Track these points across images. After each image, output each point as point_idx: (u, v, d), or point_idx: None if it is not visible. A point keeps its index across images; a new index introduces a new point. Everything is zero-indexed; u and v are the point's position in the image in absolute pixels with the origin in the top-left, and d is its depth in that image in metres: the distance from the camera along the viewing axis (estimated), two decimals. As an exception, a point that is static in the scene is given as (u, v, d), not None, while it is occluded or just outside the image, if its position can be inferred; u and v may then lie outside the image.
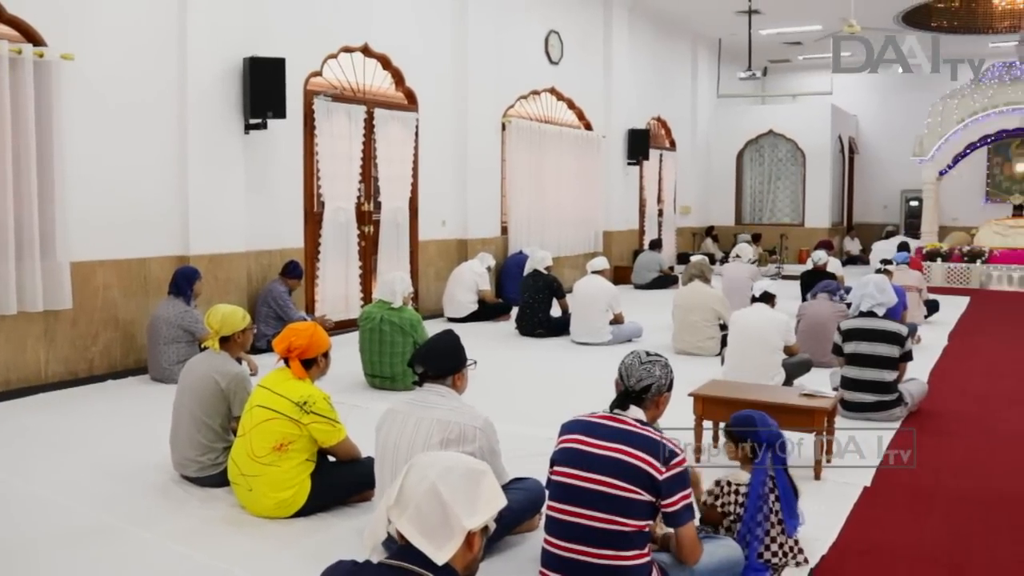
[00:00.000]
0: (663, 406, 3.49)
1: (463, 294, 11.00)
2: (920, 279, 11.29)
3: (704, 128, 20.87)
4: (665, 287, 14.55)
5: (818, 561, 3.89)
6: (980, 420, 6.54)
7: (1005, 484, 4.97)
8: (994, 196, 22.01)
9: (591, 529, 3.18)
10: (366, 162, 10.32)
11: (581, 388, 7.11)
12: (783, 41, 20.13)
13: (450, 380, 3.80)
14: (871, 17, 15.78)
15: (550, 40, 14.06)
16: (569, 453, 3.30)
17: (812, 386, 6.17)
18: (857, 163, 23.74)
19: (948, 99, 16.57)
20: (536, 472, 4.14)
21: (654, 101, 18.04)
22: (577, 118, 15.20)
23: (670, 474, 3.16)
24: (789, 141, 21.18)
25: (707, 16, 17.91)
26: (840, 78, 20.47)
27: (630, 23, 16.31)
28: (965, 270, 15.61)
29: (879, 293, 6.47)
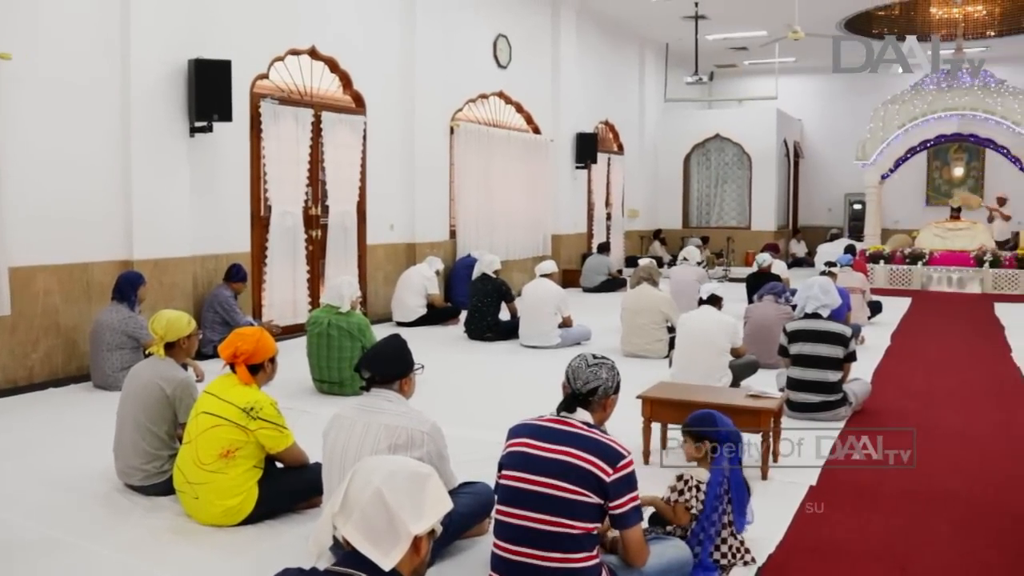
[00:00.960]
0: (610, 409, 3.51)
1: (412, 298, 10.96)
2: (863, 281, 11.48)
3: (651, 132, 21.03)
4: (613, 290, 14.63)
5: (765, 560, 3.94)
6: (922, 418, 6.66)
7: (946, 481, 5.07)
8: (934, 200, 22.48)
9: (540, 532, 3.19)
10: (313, 166, 10.25)
11: (530, 391, 7.11)
12: (729, 46, 20.36)
13: (397, 385, 3.78)
14: (814, 23, 16.03)
15: (498, 44, 14.09)
16: (517, 457, 3.31)
17: (759, 387, 6.23)
18: (802, 167, 24.09)
19: (889, 104, 16.86)
20: (485, 476, 4.14)
21: (602, 105, 18.15)
22: (525, 122, 15.24)
23: (617, 476, 3.19)
24: (735, 145, 21.42)
25: (654, 21, 18.05)
26: (784, 83, 20.76)
27: (578, 27, 16.39)
28: (907, 272, 15.90)
29: (823, 295, 6.58)
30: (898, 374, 8.39)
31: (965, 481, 5.09)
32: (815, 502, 4.65)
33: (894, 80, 20.22)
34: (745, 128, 21.19)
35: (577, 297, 13.53)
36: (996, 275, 15.29)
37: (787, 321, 6.89)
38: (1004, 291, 15.11)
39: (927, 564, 3.99)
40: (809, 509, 4.57)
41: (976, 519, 4.53)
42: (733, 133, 21.31)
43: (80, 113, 7.78)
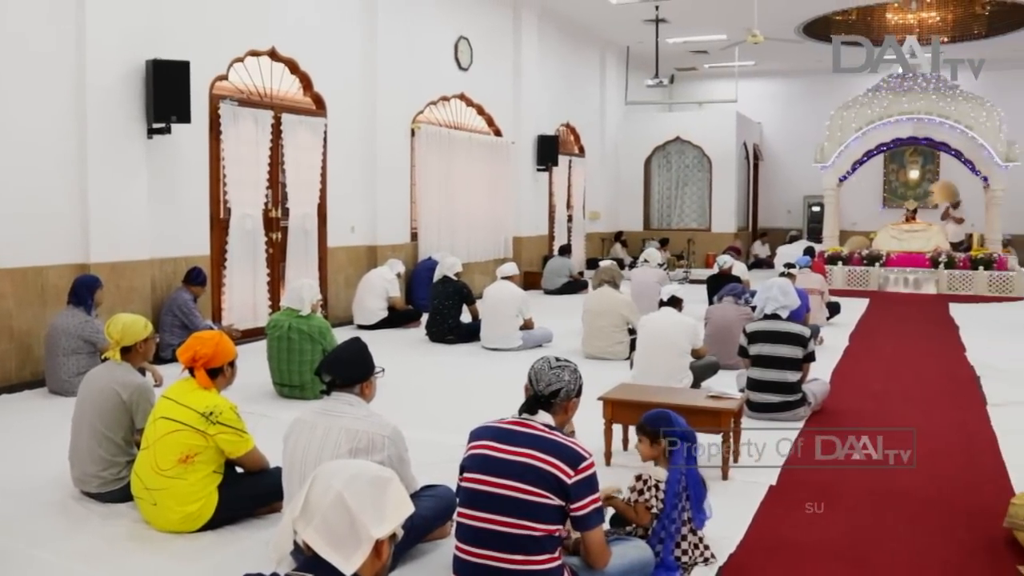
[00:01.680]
0: (571, 411, 3.53)
1: (373, 301, 10.92)
2: (822, 282, 11.61)
3: (612, 134, 21.11)
4: (575, 292, 14.66)
5: (726, 559, 3.98)
6: (879, 417, 6.75)
7: (903, 478, 5.14)
8: (890, 202, 22.83)
9: (502, 534, 3.20)
10: (273, 168, 10.18)
11: (491, 394, 7.11)
12: (689, 49, 20.51)
13: (358, 388, 3.77)
14: (774, 28, 16.20)
15: (460, 46, 14.07)
16: (478, 459, 3.32)
17: (719, 388, 6.29)
18: (761, 169, 24.31)
19: (847, 108, 17.06)
20: (447, 479, 4.13)
21: (563, 108, 18.19)
22: (487, 124, 15.24)
23: (579, 478, 3.20)
24: (696, 148, 21.57)
25: (615, 24, 18.13)
26: (744, 86, 20.95)
27: (539, 30, 16.42)
28: (864, 273, 16.10)
29: (782, 296, 6.64)
30: (856, 374, 8.49)
31: (922, 478, 5.16)
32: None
33: (852, 84, 20.49)
34: (705, 131, 21.34)
35: (538, 299, 13.55)
36: (950, 276, 15.54)
37: (747, 322, 6.95)
38: (958, 291, 15.35)
39: (885, 560, 4.05)
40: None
41: (932, 516, 4.61)
42: (693, 136, 21.44)
43: (34, 114, 7.65)
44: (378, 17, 11.84)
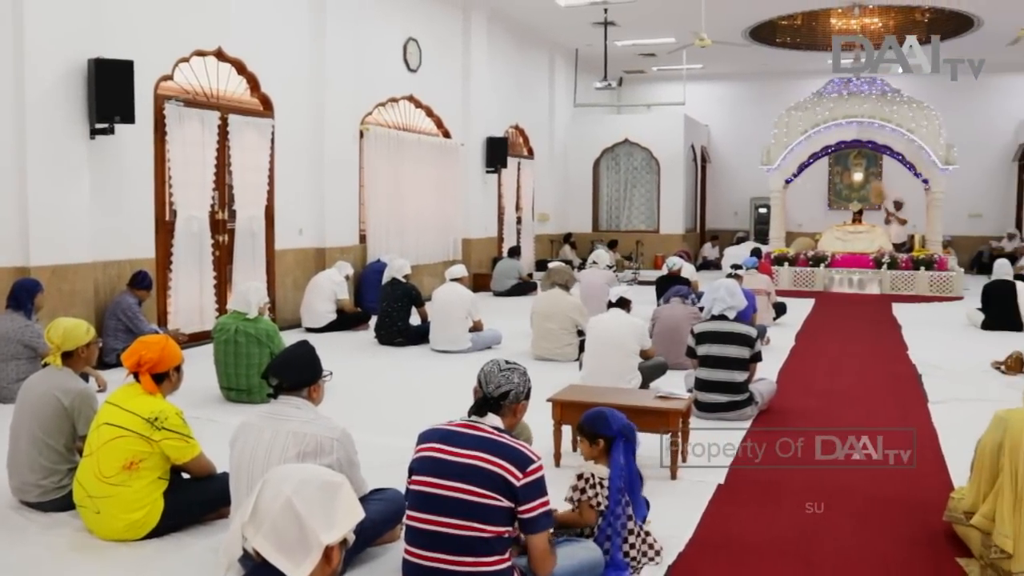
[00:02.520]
0: (520, 414, 3.54)
1: (321, 303, 10.84)
2: (769, 283, 11.74)
3: (561, 136, 21.18)
4: (524, 294, 14.68)
5: (675, 558, 4.01)
6: (824, 415, 6.87)
7: (847, 475, 5.22)
8: (835, 204, 23.17)
9: (451, 536, 3.20)
10: (220, 169, 10.06)
11: (441, 396, 7.10)
12: (638, 52, 20.62)
13: (306, 392, 3.74)
14: (720, 32, 16.37)
15: (408, 48, 14.03)
16: (427, 462, 3.32)
17: (667, 388, 6.33)
18: (709, 171, 24.53)
19: (793, 111, 17.29)
20: (397, 482, 4.11)
21: (512, 109, 18.21)
22: (436, 126, 15.20)
23: (527, 480, 3.22)
24: (644, 150, 21.70)
25: (564, 27, 18.19)
26: (692, 89, 21.12)
27: (488, 32, 16.42)
28: (810, 274, 16.32)
29: (730, 297, 6.71)
30: (802, 373, 8.62)
31: (865, 475, 5.24)
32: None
33: (797, 88, 20.81)
34: (653, 133, 21.47)
35: (488, 301, 13.56)
36: (894, 276, 15.81)
37: (695, 323, 7.01)
38: (901, 292, 15.63)
39: (829, 556, 4.12)
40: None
41: (875, 511, 4.69)
42: (642, 138, 21.57)
43: (-28, 114, 7.49)
44: (326, 18, 11.76)
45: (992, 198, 22.15)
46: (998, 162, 22.14)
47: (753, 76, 23.39)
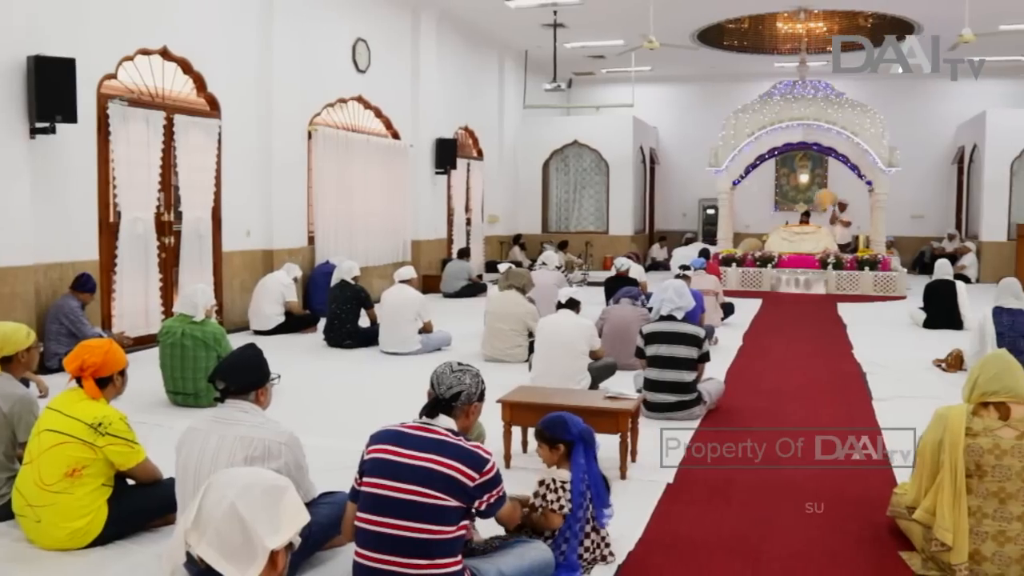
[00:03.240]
0: (473, 416, 3.54)
1: (269, 306, 10.74)
2: (716, 283, 11.86)
3: (511, 138, 21.20)
4: (474, 295, 14.69)
5: (625, 557, 4.04)
6: (771, 414, 6.95)
7: (794, 472, 5.29)
8: (782, 205, 23.49)
9: (403, 539, 3.19)
10: (166, 170, 9.93)
11: (391, 398, 7.08)
12: (587, 54, 20.72)
13: (253, 395, 3.71)
14: (668, 34, 16.49)
15: (357, 48, 13.95)
16: (379, 464, 3.30)
17: (616, 388, 6.36)
18: (658, 173, 24.69)
19: (740, 113, 17.46)
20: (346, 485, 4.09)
21: (462, 111, 18.19)
22: (385, 127, 15.13)
23: (482, 481, 3.24)
24: (593, 151, 21.79)
25: (514, 28, 18.21)
26: (641, 91, 21.27)
27: (438, 33, 16.38)
28: (757, 274, 16.50)
29: (678, 297, 6.76)
30: (750, 373, 8.71)
31: (811, 472, 5.32)
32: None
33: (744, 90, 21.04)
34: (603, 135, 21.57)
35: (437, 303, 13.53)
36: (839, 276, 16.04)
37: (643, 324, 7.05)
38: (846, 291, 15.87)
39: (776, 552, 4.17)
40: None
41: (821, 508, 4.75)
42: (591, 140, 21.66)
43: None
44: (274, 17, 11.65)
45: (933, 200, 22.60)
46: (938, 165, 22.60)
47: (701, 79, 23.61)
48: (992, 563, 3.74)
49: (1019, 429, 3.80)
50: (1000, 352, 4.14)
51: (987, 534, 3.75)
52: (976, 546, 3.75)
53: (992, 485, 3.76)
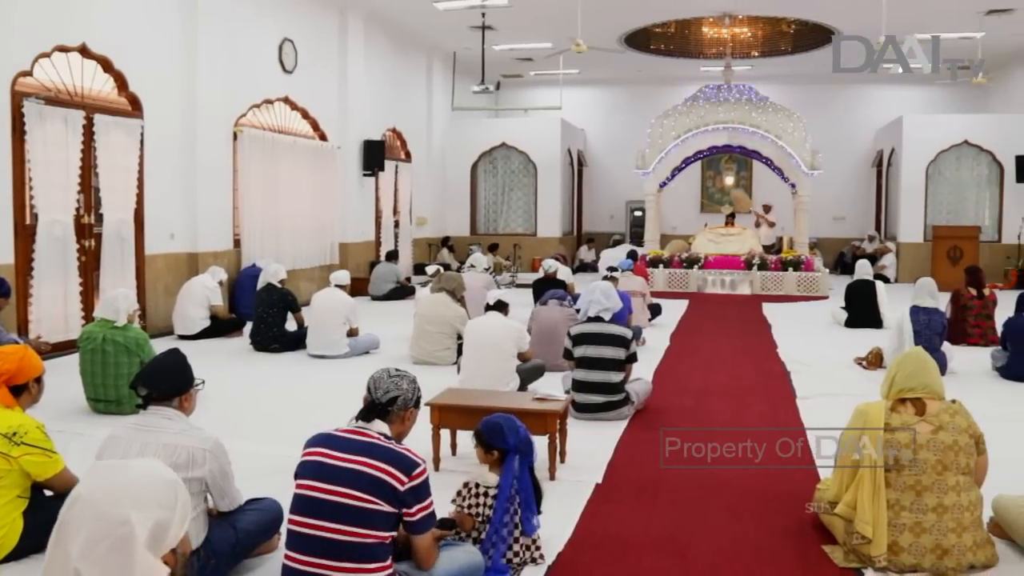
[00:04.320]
0: (409, 422, 3.55)
1: (194, 310, 10.55)
2: (644, 284, 11.98)
3: (439, 140, 21.15)
4: (402, 298, 14.63)
5: (555, 558, 4.05)
6: (698, 413, 7.05)
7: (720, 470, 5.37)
8: (708, 207, 23.84)
9: (333, 542, 3.18)
10: (85, 171, 9.69)
11: (319, 402, 7.01)
12: (515, 57, 20.77)
13: (176, 401, 3.64)
14: (596, 37, 16.60)
15: (284, 48, 13.79)
16: (311, 466, 3.29)
17: (545, 390, 6.38)
18: (585, 175, 24.86)
19: (666, 117, 17.66)
20: (274, 491, 4.05)
21: (390, 112, 18.09)
22: (312, 128, 14.98)
23: (412, 484, 3.23)
24: (521, 153, 21.84)
25: (442, 30, 18.18)
26: (569, 94, 21.41)
27: (366, 34, 16.27)
28: (684, 275, 16.70)
29: (605, 299, 6.82)
30: (677, 372, 8.82)
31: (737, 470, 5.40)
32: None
33: (671, 93, 21.33)
34: (531, 137, 21.64)
35: (366, 305, 13.44)
36: (764, 277, 16.32)
37: (571, 325, 7.09)
38: (771, 292, 16.15)
39: (703, 549, 4.23)
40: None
41: (747, 504, 4.84)
42: (519, 142, 21.72)
43: None
44: (198, 16, 11.45)
45: (854, 201, 23.18)
46: (859, 167, 23.18)
47: (628, 82, 23.85)
48: (909, 553, 3.86)
49: (934, 424, 3.94)
50: (916, 350, 4.27)
51: (904, 526, 3.87)
52: (894, 538, 3.87)
53: (909, 479, 3.88)
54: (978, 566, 3.89)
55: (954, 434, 3.92)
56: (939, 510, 3.85)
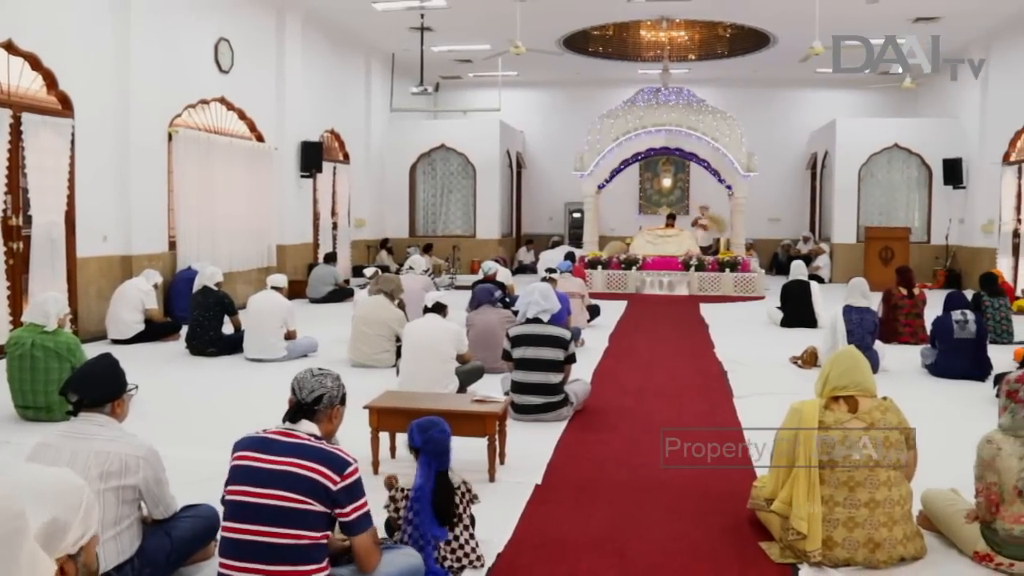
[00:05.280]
0: (336, 420, 3.53)
1: (128, 313, 10.35)
2: (582, 286, 12.05)
3: (378, 141, 21.03)
4: (341, 300, 14.53)
5: (495, 559, 4.06)
6: (637, 413, 7.10)
7: (658, 469, 5.42)
8: (646, 208, 24.03)
9: (267, 545, 3.16)
10: (13, 172, 9.45)
11: (256, 406, 6.92)
12: (454, 58, 20.75)
13: (108, 408, 3.57)
14: (535, 40, 16.67)
15: (220, 48, 13.60)
16: (241, 471, 3.27)
17: (484, 392, 6.39)
18: (524, 177, 24.92)
19: (604, 119, 17.78)
20: (211, 498, 3.99)
21: (328, 113, 17.95)
22: (249, 129, 14.79)
23: (344, 484, 3.22)
24: (460, 155, 21.81)
25: (381, 31, 18.08)
26: (508, 96, 21.42)
27: (303, 34, 16.12)
28: (622, 276, 16.81)
29: (544, 300, 6.85)
30: (616, 373, 8.87)
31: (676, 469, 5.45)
32: None
33: (609, 95, 21.49)
34: (470, 139, 21.63)
35: (304, 308, 13.33)
36: (701, 278, 16.51)
37: (510, 326, 7.10)
38: (708, 292, 16.35)
39: (642, 548, 4.26)
40: None
41: (685, 503, 4.89)
42: (458, 143, 21.69)
43: None
44: (131, 12, 11.22)
45: (789, 203, 23.58)
46: (793, 170, 23.59)
47: (567, 84, 23.96)
48: (842, 548, 3.94)
49: (866, 421, 4.02)
50: (849, 349, 4.36)
51: (838, 521, 3.95)
52: (828, 533, 3.96)
53: (842, 475, 3.97)
54: (908, 558, 3.99)
55: (885, 430, 4.01)
56: (871, 505, 3.94)
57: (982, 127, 17.84)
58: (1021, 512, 3.89)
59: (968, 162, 18.54)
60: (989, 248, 17.22)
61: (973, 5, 14.47)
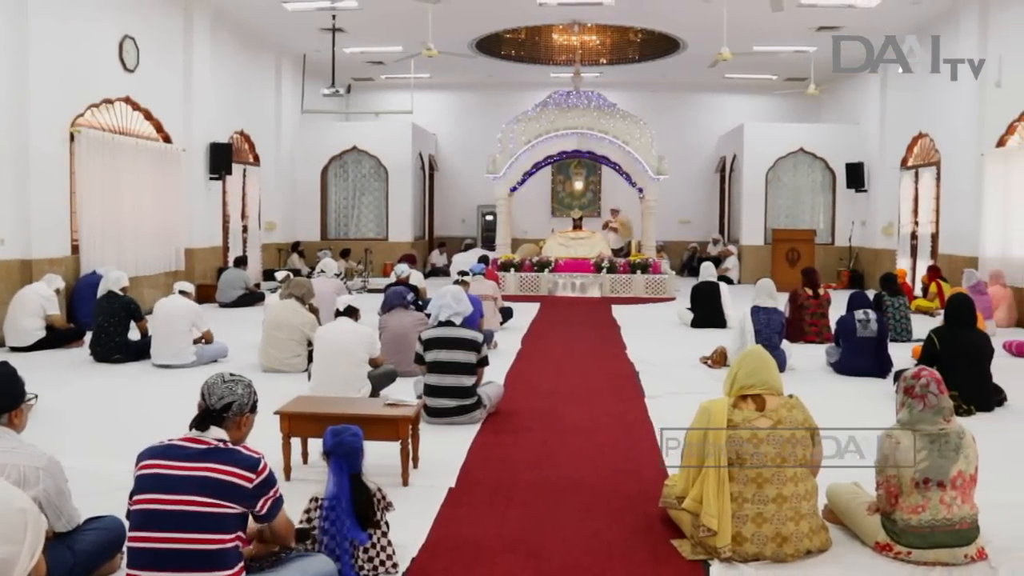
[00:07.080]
0: (246, 428, 3.48)
1: (28, 320, 10.03)
2: (495, 288, 12.07)
3: (288, 143, 20.77)
4: (251, 304, 14.32)
5: (409, 564, 4.04)
6: (550, 414, 7.14)
7: (572, 470, 5.47)
8: (558, 211, 24.22)
9: (179, 552, 3.11)
10: (-97, 174, 9.10)
11: (164, 413, 6.78)
12: (366, 60, 20.62)
13: (6, 418, 3.45)
14: (447, 42, 16.66)
15: (125, 46, 13.24)
16: (150, 479, 3.20)
17: (397, 395, 6.35)
18: (437, 179, 24.88)
19: (517, 122, 17.87)
20: (116, 509, 3.89)
21: (237, 114, 17.66)
22: (156, 130, 14.44)
23: (259, 480, 3.24)
24: (372, 157, 21.67)
25: (291, 31, 17.87)
26: (420, 98, 21.37)
27: (212, 33, 15.81)
28: (535, 279, 16.91)
29: (456, 303, 6.85)
30: (528, 375, 8.91)
31: (589, 469, 5.53)
32: None
33: (521, 98, 21.61)
34: (382, 141, 21.51)
35: (214, 312, 13.08)
36: (612, 280, 16.70)
37: (422, 329, 7.08)
38: (620, 294, 16.54)
39: (557, 548, 4.28)
40: None
41: (598, 503, 4.94)
42: (370, 146, 21.54)
43: None
44: (29, 8, 10.85)
45: (699, 206, 24.03)
46: (703, 173, 24.05)
47: (479, 86, 24.00)
48: (752, 543, 4.03)
49: (773, 419, 4.12)
50: (756, 348, 4.46)
51: (747, 517, 4.04)
52: (738, 529, 4.04)
53: (751, 472, 4.05)
54: (814, 551, 4.10)
55: (792, 428, 4.11)
56: (779, 500, 4.04)
57: (882, 133, 18.46)
58: (918, 503, 4.04)
59: (869, 166, 19.16)
60: (889, 249, 17.82)
61: (872, 16, 14.92)
